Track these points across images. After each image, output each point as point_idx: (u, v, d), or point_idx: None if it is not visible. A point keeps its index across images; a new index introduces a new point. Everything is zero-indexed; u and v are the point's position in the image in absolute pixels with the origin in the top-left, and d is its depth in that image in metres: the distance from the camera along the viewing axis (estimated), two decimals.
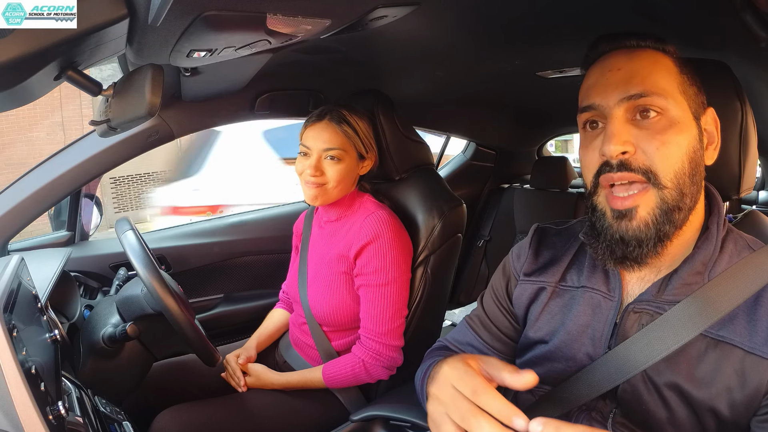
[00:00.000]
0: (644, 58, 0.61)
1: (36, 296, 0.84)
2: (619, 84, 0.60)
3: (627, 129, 0.59)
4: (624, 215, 0.59)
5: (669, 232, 0.59)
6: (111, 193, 7.39)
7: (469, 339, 0.82)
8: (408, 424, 0.92)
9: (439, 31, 0.95)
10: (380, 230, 1.09)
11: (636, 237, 0.59)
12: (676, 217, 0.59)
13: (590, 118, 0.63)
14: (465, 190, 2.33)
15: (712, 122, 0.63)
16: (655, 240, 0.58)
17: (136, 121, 0.70)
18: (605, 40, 0.65)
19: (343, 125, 1.11)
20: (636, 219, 0.59)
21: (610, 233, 0.60)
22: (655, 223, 0.58)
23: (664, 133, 0.58)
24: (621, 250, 0.60)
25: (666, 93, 0.59)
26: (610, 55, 0.63)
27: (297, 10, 0.57)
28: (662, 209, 0.58)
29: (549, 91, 1.48)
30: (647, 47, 0.62)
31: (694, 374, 0.58)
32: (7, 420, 0.54)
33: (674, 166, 0.58)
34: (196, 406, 1.09)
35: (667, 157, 0.58)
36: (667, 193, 0.58)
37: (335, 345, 1.17)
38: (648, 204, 0.58)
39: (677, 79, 0.61)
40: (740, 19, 0.67)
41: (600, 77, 0.62)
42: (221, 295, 1.70)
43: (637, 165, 0.58)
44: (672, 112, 0.59)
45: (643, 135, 0.58)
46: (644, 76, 0.59)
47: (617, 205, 0.60)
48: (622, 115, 0.59)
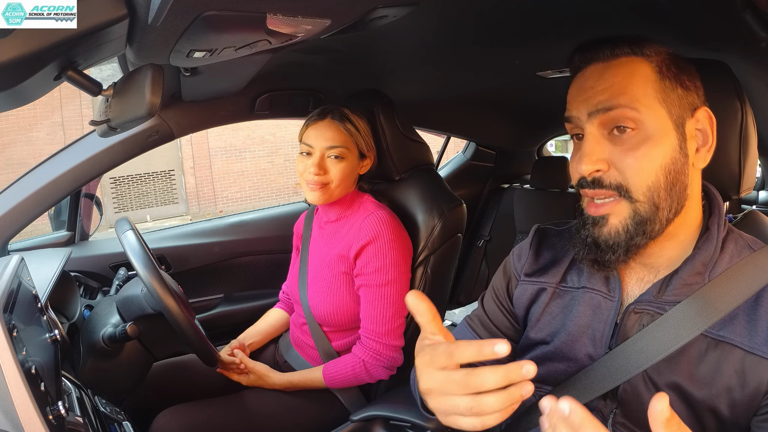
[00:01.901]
0: (619, 70, 0.60)
1: (36, 296, 0.84)
2: (590, 99, 0.60)
3: (601, 146, 0.60)
4: (596, 222, 0.62)
5: (640, 243, 0.60)
6: (111, 193, 7.39)
7: (469, 339, 0.82)
8: (408, 424, 0.92)
9: (439, 30, 0.95)
10: (380, 230, 1.09)
11: (606, 243, 0.61)
12: (650, 229, 0.59)
13: (572, 130, 0.65)
14: (465, 190, 2.33)
15: (706, 121, 0.61)
16: (625, 248, 0.60)
17: (136, 121, 0.70)
18: (579, 54, 0.65)
19: (345, 123, 1.12)
20: (607, 226, 0.61)
21: (586, 235, 0.63)
22: (626, 231, 0.60)
23: (637, 149, 0.58)
24: (593, 253, 0.63)
25: (640, 105, 0.58)
26: (585, 70, 0.63)
27: (297, 10, 0.57)
28: (634, 220, 0.59)
29: (549, 91, 1.47)
30: (623, 55, 0.61)
31: (695, 374, 0.58)
32: (7, 420, 0.54)
33: (647, 181, 0.58)
34: (196, 406, 1.09)
35: (639, 173, 0.58)
36: (640, 206, 0.59)
37: (335, 345, 1.17)
38: (620, 213, 0.60)
39: (655, 87, 0.59)
40: (740, 19, 0.67)
41: (577, 92, 0.63)
42: (221, 295, 1.70)
43: (609, 182, 0.60)
44: (647, 124, 0.58)
45: (617, 151, 0.59)
46: (617, 90, 0.59)
47: (592, 212, 0.62)
48: (596, 131, 0.60)
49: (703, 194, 0.66)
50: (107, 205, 7.13)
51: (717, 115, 0.63)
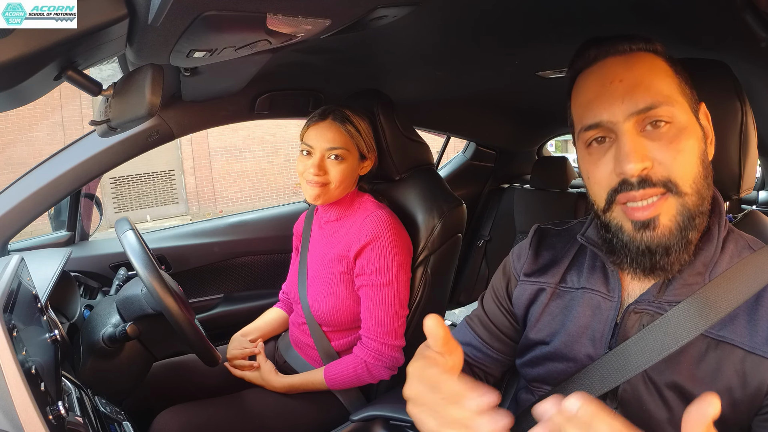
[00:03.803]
0: (641, 63, 0.59)
1: (36, 296, 0.84)
2: (624, 97, 0.58)
3: (641, 143, 0.57)
4: (646, 225, 0.57)
5: (693, 237, 0.58)
6: (111, 193, 7.40)
7: (469, 339, 0.82)
8: (408, 424, 0.92)
9: (439, 30, 0.95)
10: (380, 230, 1.09)
11: (662, 245, 0.57)
12: (698, 222, 0.58)
13: (597, 135, 0.60)
14: (465, 190, 2.33)
15: (704, 117, 0.63)
16: (682, 246, 0.57)
17: (136, 121, 0.70)
18: (596, 46, 0.62)
19: (346, 124, 1.12)
20: (659, 227, 0.57)
21: (634, 246, 0.59)
22: (679, 229, 0.57)
23: (677, 141, 0.57)
24: (649, 261, 0.58)
25: (671, 100, 0.58)
26: (604, 62, 0.61)
27: (297, 10, 0.57)
28: (684, 215, 0.57)
29: (549, 91, 1.47)
30: (639, 50, 0.60)
31: (695, 374, 0.58)
32: (7, 420, 0.54)
33: (692, 173, 0.57)
34: (196, 406, 1.09)
35: (683, 165, 0.57)
36: (688, 199, 0.57)
37: (335, 345, 1.17)
38: (669, 211, 0.57)
39: (675, 81, 0.60)
40: (740, 18, 0.67)
41: (601, 90, 0.60)
42: (221, 295, 1.70)
43: (657, 178, 0.56)
44: (679, 118, 0.58)
45: (657, 146, 0.57)
46: (648, 86, 0.58)
47: (637, 216, 0.57)
48: (633, 128, 0.57)
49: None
50: (107, 205, 7.13)
51: (717, 114, 0.64)
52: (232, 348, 1.23)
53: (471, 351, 0.81)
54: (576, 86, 0.65)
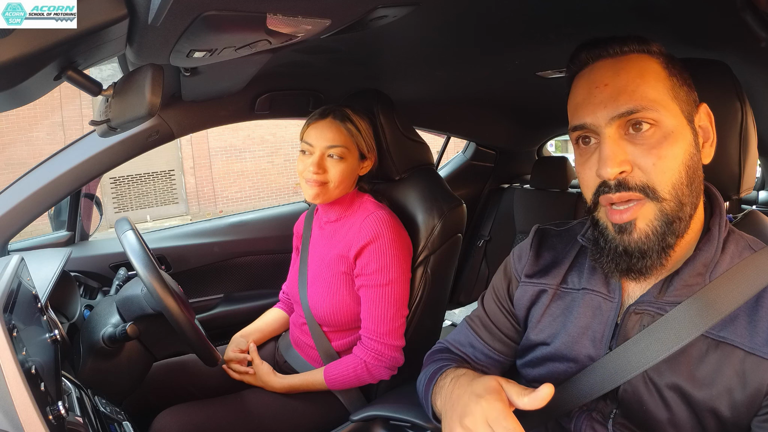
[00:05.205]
0: (631, 67, 0.59)
1: (36, 296, 0.84)
2: (607, 102, 0.58)
3: (621, 147, 0.58)
4: (624, 229, 0.59)
5: (671, 243, 0.59)
6: (111, 193, 7.39)
7: (470, 340, 0.82)
8: (408, 424, 0.92)
9: (439, 30, 0.95)
10: (380, 230, 1.09)
11: (639, 249, 0.59)
12: (677, 227, 0.58)
13: (582, 135, 0.62)
14: (465, 190, 2.33)
15: (705, 118, 0.62)
16: (659, 251, 0.58)
17: (136, 121, 0.70)
18: (586, 50, 0.63)
19: (346, 123, 1.12)
20: (636, 231, 0.58)
21: (614, 246, 0.61)
22: (656, 233, 0.58)
23: (659, 147, 0.57)
24: (625, 263, 0.60)
25: (657, 104, 0.57)
26: (593, 66, 0.62)
27: (297, 10, 0.57)
28: (662, 221, 0.58)
29: (549, 91, 1.48)
30: (632, 52, 0.60)
31: (695, 375, 0.58)
32: (7, 420, 0.54)
33: (672, 179, 0.57)
34: (196, 406, 1.09)
35: (664, 171, 0.57)
36: (666, 204, 0.58)
37: (335, 345, 1.17)
38: (646, 216, 0.58)
39: (667, 84, 0.59)
40: (740, 19, 0.67)
41: (587, 95, 0.61)
42: (221, 295, 1.70)
43: (634, 183, 0.58)
44: (665, 122, 0.57)
45: (638, 151, 0.57)
46: (633, 91, 0.58)
47: (616, 219, 0.60)
48: (614, 132, 0.58)
49: (704, 194, 0.65)
50: (107, 205, 7.13)
51: (717, 115, 0.64)
52: (230, 350, 1.23)
53: (471, 352, 0.81)
54: (570, 89, 0.66)
